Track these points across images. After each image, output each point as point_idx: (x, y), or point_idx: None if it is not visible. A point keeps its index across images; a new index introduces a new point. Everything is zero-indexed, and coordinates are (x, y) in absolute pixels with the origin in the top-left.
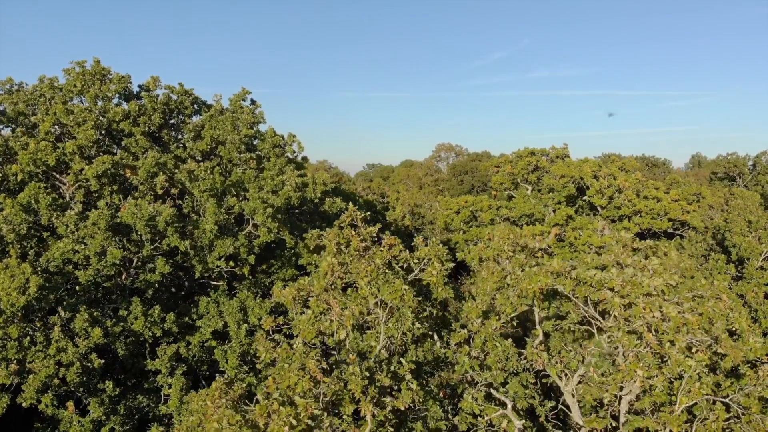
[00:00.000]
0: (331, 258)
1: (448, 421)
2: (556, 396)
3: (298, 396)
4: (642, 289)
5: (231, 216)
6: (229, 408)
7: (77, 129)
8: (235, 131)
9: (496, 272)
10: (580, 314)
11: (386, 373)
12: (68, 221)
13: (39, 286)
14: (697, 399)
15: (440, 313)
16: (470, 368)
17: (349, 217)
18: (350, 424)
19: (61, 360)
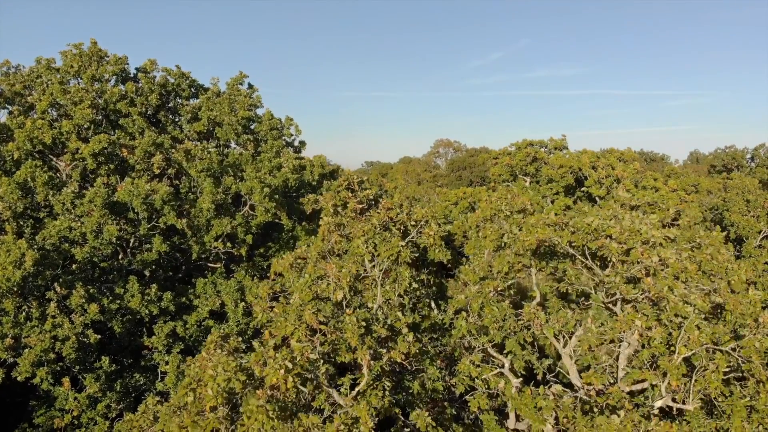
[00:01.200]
0: (328, 218)
1: (445, 382)
2: (554, 362)
3: (294, 341)
4: (640, 236)
5: (228, 196)
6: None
7: (74, 108)
8: (232, 113)
9: (493, 231)
10: (578, 272)
11: (383, 325)
12: (64, 199)
13: (35, 262)
14: (696, 349)
15: (437, 281)
16: (467, 332)
17: (346, 181)
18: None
19: (57, 335)
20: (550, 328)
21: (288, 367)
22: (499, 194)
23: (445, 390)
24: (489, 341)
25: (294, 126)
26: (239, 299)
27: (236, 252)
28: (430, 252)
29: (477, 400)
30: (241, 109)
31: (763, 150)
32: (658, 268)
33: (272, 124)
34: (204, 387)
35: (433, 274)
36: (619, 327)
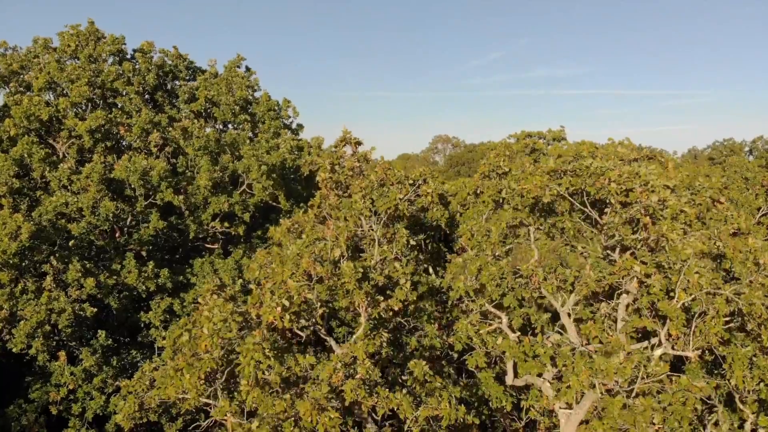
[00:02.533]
0: (326, 174)
1: (443, 341)
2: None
3: (291, 280)
4: (640, 179)
5: (225, 174)
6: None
7: (70, 86)
8: (229, 93)
9: (491, 187)
10: (577, 225)
11: (380, 273)
12: (61, 175)
13: (31, 234)
14: (696, 293)
15: (435, 247)
16: (465, 294)
17: (344, 141)
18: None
19: (53, 308)
20: (548, 285)
21: (285, 305)
22: (497, 151)
23: (442, 349)
24: (488, 299)
25: (292, 108)
26: (237, 277)
27: (234, 231)
28: (428, 212)
29: (475, 359)
30: (239, 89)
31: (761, 142)
32: (658, 208)
33: (270, 105)
34: (200, 328)
35: (431, 239)
36: (618, 272)
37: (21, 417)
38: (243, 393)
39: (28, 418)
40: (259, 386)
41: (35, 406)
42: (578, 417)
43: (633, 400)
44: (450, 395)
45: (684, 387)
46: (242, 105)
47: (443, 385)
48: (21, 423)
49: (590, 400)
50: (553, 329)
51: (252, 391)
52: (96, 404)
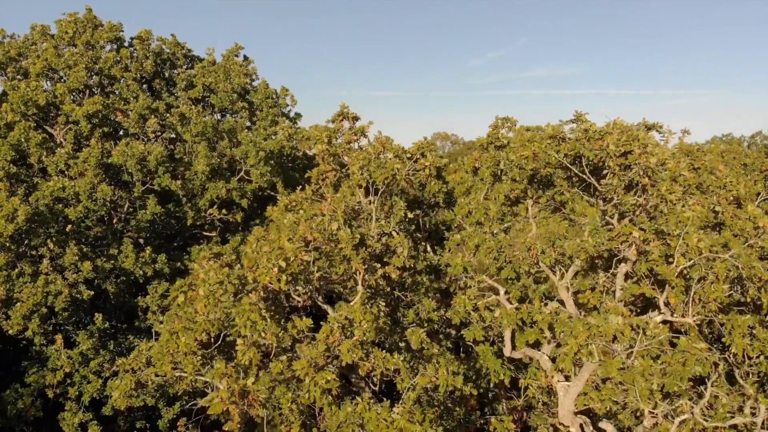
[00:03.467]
0: (323, 146)
1: (441, 315)
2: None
3: (288, 243)
4: (639, 141)
5: (223, 160)
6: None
7: (68, 71)
8: (227, 80)
9: (488, 158)
10: (576, 195)
11: (377, 239)
12: (58, 160)
13: (27, 216)
14: (695, 258)
15: (434, 225)
16: (463, 270)
17: (341, 116)
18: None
19: (50, 291)
20: (546, 258)
21: (281, 266)
22: (496, 123)
23: (440, 323)
24: (486, 273)
25: (290, 96)
26: (234, 261)
27: (231, 219)
28: (427, 187)
29: (472, 332)
30: (237, 76)
31: (760, 137)
32: (657, 170)
33: (267, 93)
34: (195, 290)
35: (430, 217)
36: (616, 238)
37: (17, 401)
38: (239, 353)
39: (24, 401)
40: (256, 347)
41: (31, 390)
42: (576, 389)
43: (632, 361)
44: (447, 362)
45: (684, 348)
46: (240, 92)
47: (440, 352)
48: (17, 407)
49: (588, 371)
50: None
51: (248, 351)
52: (93, 388)
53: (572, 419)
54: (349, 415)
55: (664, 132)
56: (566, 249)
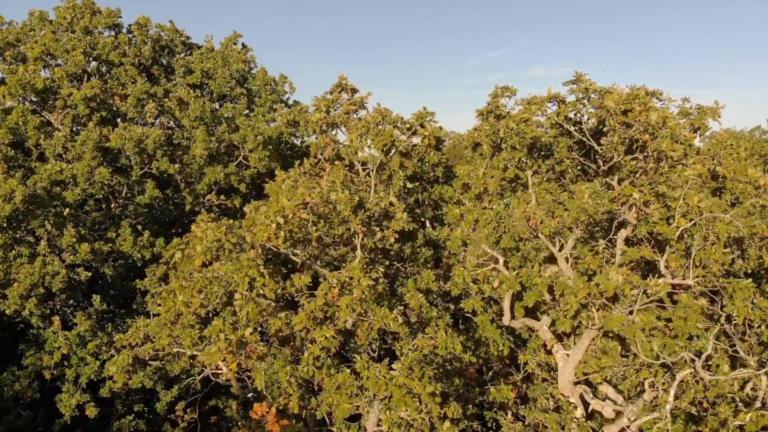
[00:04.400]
0: (321, 114)
1: (440, 287)
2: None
3: (286, 201)
4: (638, 100)
5: (221, 145)
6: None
7: (66, 56)
8: (225, 66)
9: (489, 126)
10: (575, 162)
11: (375, 204)
12: (56, 143)
13: (25, 198)
14: (695, 218)
15: (432, 200)
16: (462, 243)
17: (339, 87)
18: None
19: (47, 272)
20: (545, 227)
21: (279, 222)
22: (495, 92)
23: (439, 294)
24: (485, 242)
25: (288, 83)
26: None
27: (230, 204)
28: (425, 158)
29: (471, 302)
30: (235, 62)
31: (758, 132)
32: (657, 127)
33: (266, 80)
34: (193, 247)
35: (429, 192)
36: (617, 200)
37: (14, 383)
38: (237, 307)
39: (21, 383)
40: (254, 302)
41: (28, 372)
42: (576, 358)
43: (633, 317)
44: (446, 325)
45: (685, 305)
46: (238, 79)
47: (439, 315)
48: (14, 388)
49: (588, 339)
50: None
51: (246, 306)
52: (90, 369)
53: (572, 389)
54: (348, 377)
55: (664, 99)
56: (565, 218)
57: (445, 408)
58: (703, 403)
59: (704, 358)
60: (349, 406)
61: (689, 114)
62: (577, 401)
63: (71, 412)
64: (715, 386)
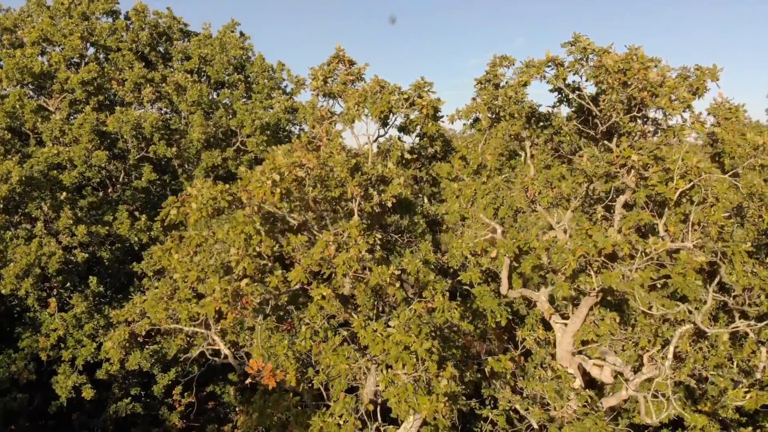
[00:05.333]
0: (318, 83)
1: (438, 260)
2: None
3: (281, 157)
4: (638, 59)
5: (219, 131)
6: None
7: (63, 40)
8: (223, 52)
9: (487, 95)
10: (574, 128)
11: (372, 167)
12: (53, 127)
13: (21, 179)
14: (694, 179)
15: (430, 177)
16: (461, 218)
17: (336, 59)
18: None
19: (44, 253)
20: (543, 199)
21: (275, 179)
22: (494, 61)
23: (437, 269)
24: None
25: (286, 71)
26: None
27: None
28: (424, 128)
29: (469, 274)
30: (233, 49)
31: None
32: (656, 84)
33: (264, 66)
34: (188, 205)
35: (427, 168)
36: (615, 162)
37: (10, 365)
38: (232, 262)
39: (17, 365)
40: (249, 257)
41: (24, 354)
42: (574, 327)
43: (632, 273)
44: (444, 289)
45: (684, 261)
46: (236, 65)
47: (437, 279)
48: (10, 370)
49: (587, 307)
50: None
51: (242, 261)
52: (86, 351)
53: (570, 359)
54: (345, 339)
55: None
56: (563, 189)
57: (441, 372)
58: (703, 373)
59: (704, 312)
60: (346, 367)
61: (688, 77)
62: (576, 372)
63: (67, 393)
64: (714, 355)
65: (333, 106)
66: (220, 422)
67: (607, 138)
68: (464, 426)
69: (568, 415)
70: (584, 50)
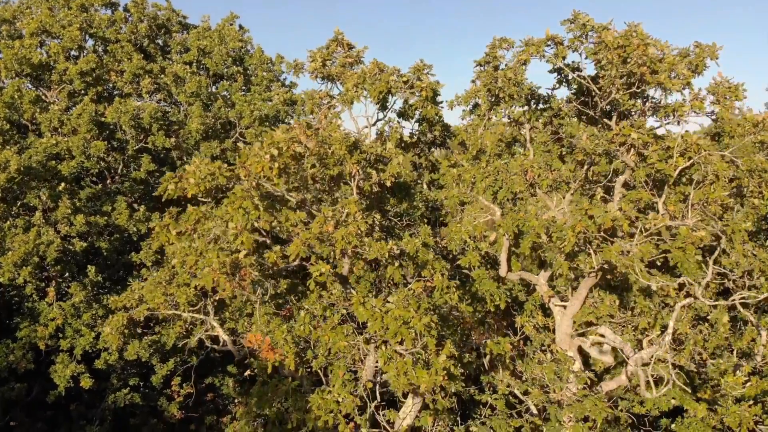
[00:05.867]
0: (316, 64)
1: (437, 243)
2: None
3: (279, 132)
4: (638, 35)
5: (217, 122)
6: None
7: (62, 31)
8: (222, 44)
9: (486, 75)
10: (574, 110)
11: (371, 147)
12: (51, 117)
13: (20, 168)
14: (694, 157)
15: (429, 163)
16: (459, 203)
17: (335, 42)
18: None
19: (42, 242)
20: (543, 181)
21: (273, 154)
22: (493, 43)
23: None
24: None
25: (285, 63)
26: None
27: None
28: (423, 112)
29: (468, 257)
30: (232, 41)
31: None
32: (656, 60)
33: (263, 59)
34: (186, 180)
35: (425, 154)
36: (615, 140)
37: (8, 355)
38: (230, 237)
39: (15, 355)
40: (248, 232)
41: (23, 343)
42: (573, 309)
43: (632, 247)
44: (443, 267)
45: (684, 236)
46: (235, 57)
47: (436, 258)
48: (8, 359)
49: (586, 288)
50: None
51: (241, 235)
52: (85, 341)
53: (569, 342)
54: (344, 318)
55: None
56: (563, 171)
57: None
58: (703, 354)
59: (704, 284)
60: (345, 344)
61: (688, 55)
62: (575, 355)
63: (66, 383)
64: (714, 335)
65: (332, 89)
66: (219, 413)
67: (606, 117)
68: (464, 413)
69: (567, 398)
70: (584, 27)
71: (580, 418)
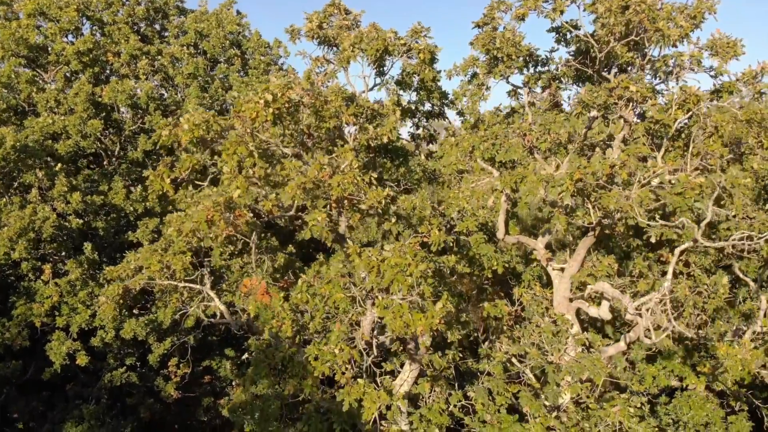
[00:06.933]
0: (313, 24)
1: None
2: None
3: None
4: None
5: (215, 103)
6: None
7: (59, 12)
8: (219, 27)
9: (484, 36)
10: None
11: (367, 101)
12: (48, 97)
13: (16, 146)
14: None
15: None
16: (457, 171)
17: (333, 7)
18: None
19: (38, 217)
20: (542, 143)
21: (268, 99)
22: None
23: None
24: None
25: (283, 48)
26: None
27: None
28: (420, 74)
29: (466, 223)
30: (229, 24)
31: None
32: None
33: (260, 43)
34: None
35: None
36: (614, 94)
37: (4, 333)
38: (225, 182)
39: (11, 332)
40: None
41: (18, 321)
42: (571, 271)
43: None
44: (440, 224)
45: (683, 182)
46: (232, 41)
47: (433, 214)
48: (3, 338)
49: (584, 248)
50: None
51: (235, 181)
52: (81, 318)
53: (567, 306)
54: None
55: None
56: (561, 134)
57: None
58: (702, 316)
59: (704, 225)
60: (342, 296)
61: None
62: (573, 318)
63: (62, 359)
64: (713, 298)
65: (328, 53)
66: (216, 395)
67: (605, 70)
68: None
69: (565, 362)
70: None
71: (579, 379)
